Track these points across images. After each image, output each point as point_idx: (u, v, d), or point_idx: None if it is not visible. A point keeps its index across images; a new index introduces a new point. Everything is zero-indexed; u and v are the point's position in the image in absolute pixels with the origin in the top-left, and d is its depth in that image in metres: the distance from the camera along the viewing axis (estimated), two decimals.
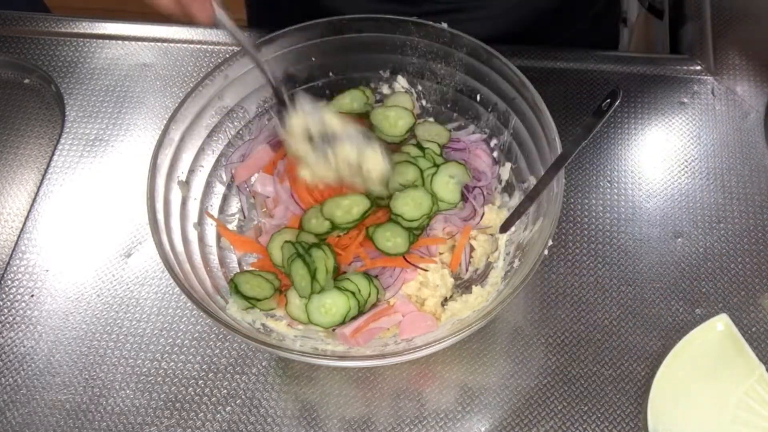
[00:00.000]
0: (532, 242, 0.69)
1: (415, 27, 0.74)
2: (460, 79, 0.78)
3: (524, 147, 0.74)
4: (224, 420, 0.72)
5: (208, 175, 0.76)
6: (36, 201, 0.84)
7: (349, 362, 0.68)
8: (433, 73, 0.79)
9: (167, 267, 0.64)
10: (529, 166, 0.74)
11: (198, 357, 0.75)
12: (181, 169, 0.72)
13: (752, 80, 0.90)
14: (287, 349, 0.63)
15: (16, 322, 0.77)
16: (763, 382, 0.70)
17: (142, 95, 0.91)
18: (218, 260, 0.73)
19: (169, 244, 0.66)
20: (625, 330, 0.75)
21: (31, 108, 0.92)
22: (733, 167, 0.84)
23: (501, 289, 0.70)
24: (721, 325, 0.73)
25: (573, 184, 0.83)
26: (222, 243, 0.75)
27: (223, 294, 0.70)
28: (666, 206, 0.82)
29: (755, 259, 0.79)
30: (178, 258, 0.66)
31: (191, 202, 0.73)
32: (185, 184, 0.73)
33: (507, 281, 0.70)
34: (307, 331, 0.70)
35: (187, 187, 0.73)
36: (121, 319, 0.77)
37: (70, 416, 0.72)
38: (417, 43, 0.76)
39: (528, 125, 0.73)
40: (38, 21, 0.96)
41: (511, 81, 0.72)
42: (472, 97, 0.78)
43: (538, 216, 0.70)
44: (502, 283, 0.71)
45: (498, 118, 0.77)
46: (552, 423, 0.71)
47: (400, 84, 0.80)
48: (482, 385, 0.73)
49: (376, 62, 0.79)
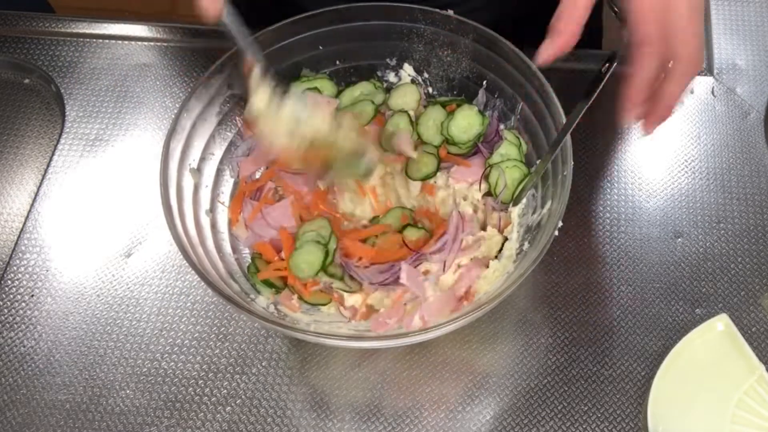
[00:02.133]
0: (542, 225, 0.69)
1: (422, 14, 0.75)
2: (467, 66, 0.78)
3: (532, 132, 0.75)
4: (224, 420, 0.72)
5: (219, 163, 0.76)
6: (36, 201, 0.84)
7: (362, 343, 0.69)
8: (439, 61, 0.79)
9: (182, 250, 0.64)
10: (536, 150, 0.74)
11: (198, 357, 0.75)
12: (192, 157, 0.73)
13: (752, 80, 0.90)
14: (303, 331, 0.64)
15: (16, 322, 0.77)
16: (763, 382, 0.70)
17: (142, 95, 0.91)
18: (231, 246, 0.74)
19: (183, 229, 0.67)
20: (625, 330, 0.75)
21: (31, 108, 0.92)
22: (733, 167, 0.84)
23: (511, 271, 0.70)
24: (721, 325, 0.73)
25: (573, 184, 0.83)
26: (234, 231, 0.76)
27: (236, 279, 0.70)
28: (666, 206, 0.82)
29: (755, 259, 0.79)
30: (191, 242, 0.67)
31: (203, 190, 0.74)
32: (197, 171, 0.73)
33: (517, 263, 0.70)
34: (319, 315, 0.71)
35: (199, 175, 0.73)
36: (121, 319, 0.77)
37: (70, 416, 0.72)
38: (423, 31, 0.76)
39: (535, 110, 0.73)
40: (38, 21, 0.96)
41: (518, 67, 0.72)
42: (479, 83, 0.78)
43: (546, 199, 0.70)
44: (512, 265, 0.71)
45: (505, 104, 0.77)
46: (552, 423, 0.71)
47: (407, 72, 0.81)
48: (482, 384, 0.73)
49: (383, 50, 0.79)
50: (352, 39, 0.77)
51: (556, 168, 0.69)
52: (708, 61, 0.91)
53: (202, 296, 0.78)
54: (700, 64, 0.60)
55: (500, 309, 0.76)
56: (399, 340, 0.67)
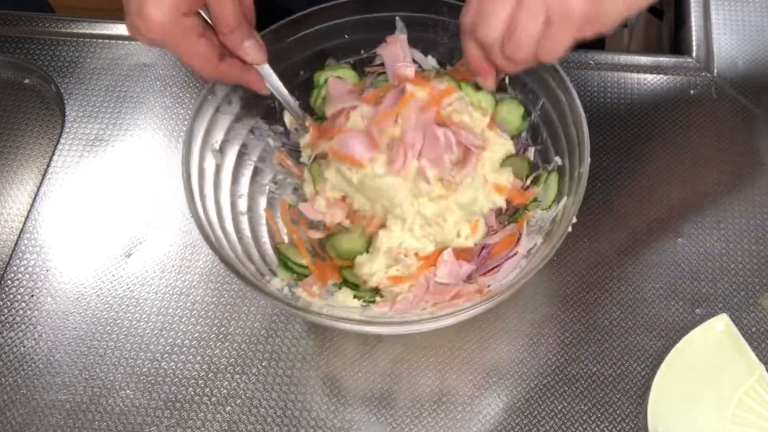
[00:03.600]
0: (556, 221, 0.69)
1: (447, 8, 0.74)
2: None
3: (552, 127, 0.74)
4: (224, 420, 0.72)
5: (240, 146, 0.76)
6: (36, 201, 0.84)
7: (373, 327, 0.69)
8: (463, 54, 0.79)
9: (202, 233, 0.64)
10: (555, 146, 0.74)
11: (198, 357, 0.75)
12: (215, 138, 0.73)
13: (752, 80, 0.90)
14: (316, 313, 0.64)
15: (16, 322, 0.77)
16: (763, 382, 0.70)
17: (142, 95, 0.91)
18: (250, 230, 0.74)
19: (203, 212, 0.67)
20: (625, 330, 0.75)
21: (31, 108, 0.92)
22: (733, 167, 0.84)
23: (523, 265, 0.69)
24: (721, 325, 0.73)
25: None
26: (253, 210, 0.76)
27: (254, 261, 0.71)
28: (666, 206, 0.82)
29: (755, 259, 0.79)
30: (211, 225, 0.67)
31: (224, 172, 0.74)
32: (218, 153, 0.73)
33: (529, 258, 0.70)
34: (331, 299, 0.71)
35: (221, 156, 0.73)
36: (121, 319, 0.77)
37: (70, 416, 0.72)
38: (448, 24, 0.76)
39: (555, 105, 0.72)
40: (38, 21, 0.96)
41: None
42: (501, 77, 0.78)
43: (562, 195, 0.70)
44: (524, 260, 0.70)
45: (526, 98, 0.77)
46: (552, 423, 0.71)
47: (431, 63, 0.80)
48: (482, 384, 0.73)
49: (409, 39, 0.79)
50: (378, 29, 0.77)
51: (573, 163, 0.69)
52: (708, 61, 0.91)
53: (202, 296, 0.78)
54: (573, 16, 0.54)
55: (500, 309, 0.76)
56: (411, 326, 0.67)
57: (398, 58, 0.78)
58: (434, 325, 0.65)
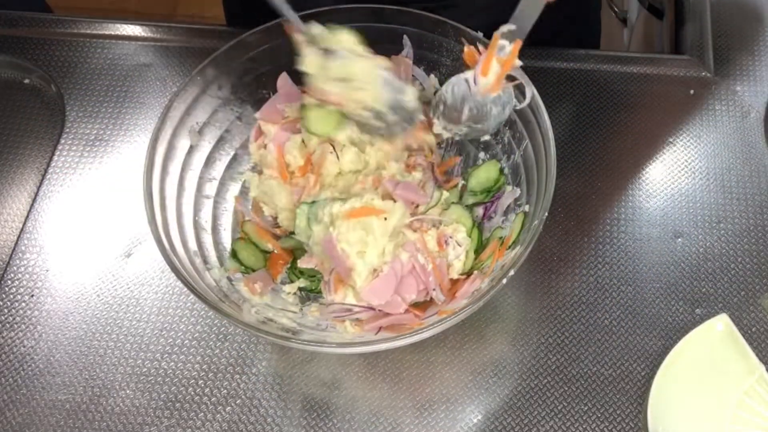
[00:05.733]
0: (503, 268, 0.68)
1: (453, 30, 0.74)
2: None
3: (529, 172, 0.73)
4: (224, 420, 0.72)
5: (224, 131, 0.77)
6: (36, 201, 0.84)
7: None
8: None
9: (148, 209, 0.66)
10: (529, 191, 0.73)
11: (198, 357, 0.75)
12: (197, 119, 0.73)
13: (752, 80, 0.90)
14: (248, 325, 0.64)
15: (16, 322, 0.77)
16: (763, 382, 0.70)
17: (142, 95, 0.91)
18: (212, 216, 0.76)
19: (159, 186, 0.68)
20: (625, 330, 0.75)
21: (31, 108, 0.92)
22: (733, 167, 0.84)
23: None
24: (721, 325, 0.73)
25: (573, 183, 0.84)
26: None
27: (205, 247, 0.72)
28: (666, 206, 0.82)
29: (755, 259, 0.79)
30: (164, 201, 0.68)
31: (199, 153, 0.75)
32: (197, 134, 0.74)
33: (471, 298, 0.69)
34: (272, 298, 0.73)
35: (198, 137, 0.74)
36: (121, 319, 0.77)
37: (70, 416, 0.72)
38: (453, 46, 0.75)
39: (536, 150, 0.71)
40: (38, 21, 0.96)
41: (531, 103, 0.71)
42: None
43: (517, 243, 0.69)
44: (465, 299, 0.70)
45: (513, 137, 0.76)
46: (552, 423, 0.71)
47: (432, 83, 0.80)
48: (482, 384, 0.73)
49: (414, 57, 0.79)
50: (386, 40, 0.77)
51: (535, 213, 0.68)
52: (707, 61, 0.91)
53: None
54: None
55: (500, 309, 0.76)
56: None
57: None
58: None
